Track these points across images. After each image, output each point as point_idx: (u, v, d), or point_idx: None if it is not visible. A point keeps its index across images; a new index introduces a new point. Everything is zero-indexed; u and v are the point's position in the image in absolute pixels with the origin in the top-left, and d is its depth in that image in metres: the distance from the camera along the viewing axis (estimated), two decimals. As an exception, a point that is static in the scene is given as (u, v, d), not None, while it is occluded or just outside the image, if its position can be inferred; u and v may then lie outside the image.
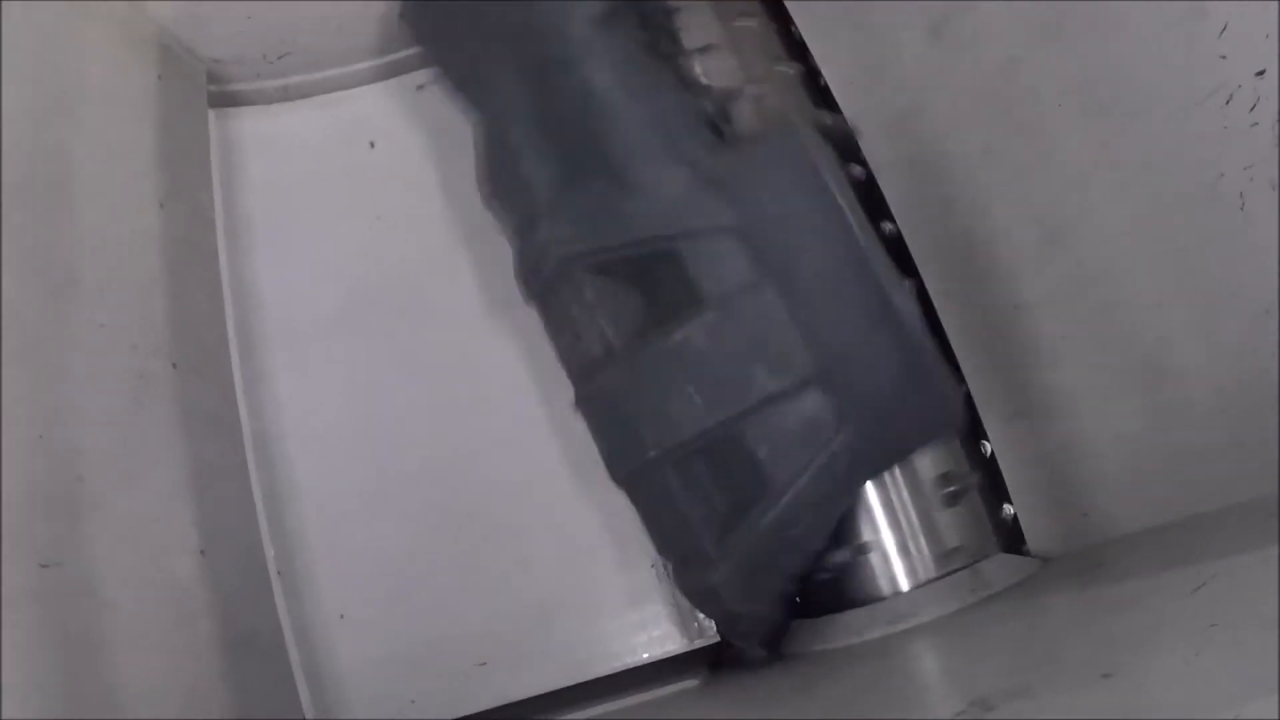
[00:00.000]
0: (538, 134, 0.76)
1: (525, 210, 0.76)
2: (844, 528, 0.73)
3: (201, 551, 0.70)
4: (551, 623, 0.77)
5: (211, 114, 0.90)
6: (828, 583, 0.75)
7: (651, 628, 0.76)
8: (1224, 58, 0.53)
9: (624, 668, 0.75)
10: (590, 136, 0.74)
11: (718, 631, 0.77)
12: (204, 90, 0.90)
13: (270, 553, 0.77)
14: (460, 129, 0.88)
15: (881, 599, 0.75)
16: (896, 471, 0.74)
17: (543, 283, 0.74)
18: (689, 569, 0.73)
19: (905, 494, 0.74)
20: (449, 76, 0.85)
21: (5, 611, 0.52)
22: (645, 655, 0.76)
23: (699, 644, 0.75)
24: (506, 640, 0.76)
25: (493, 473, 0.80)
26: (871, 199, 0.84)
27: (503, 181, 0.79)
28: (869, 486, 0.74)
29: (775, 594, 0.71)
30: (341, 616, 0.76)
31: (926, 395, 0.69)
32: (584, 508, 0.81)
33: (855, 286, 0.68)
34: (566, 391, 0.78)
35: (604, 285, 0.72)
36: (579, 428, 0.78)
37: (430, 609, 0.77)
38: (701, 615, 0.75)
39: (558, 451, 0.83)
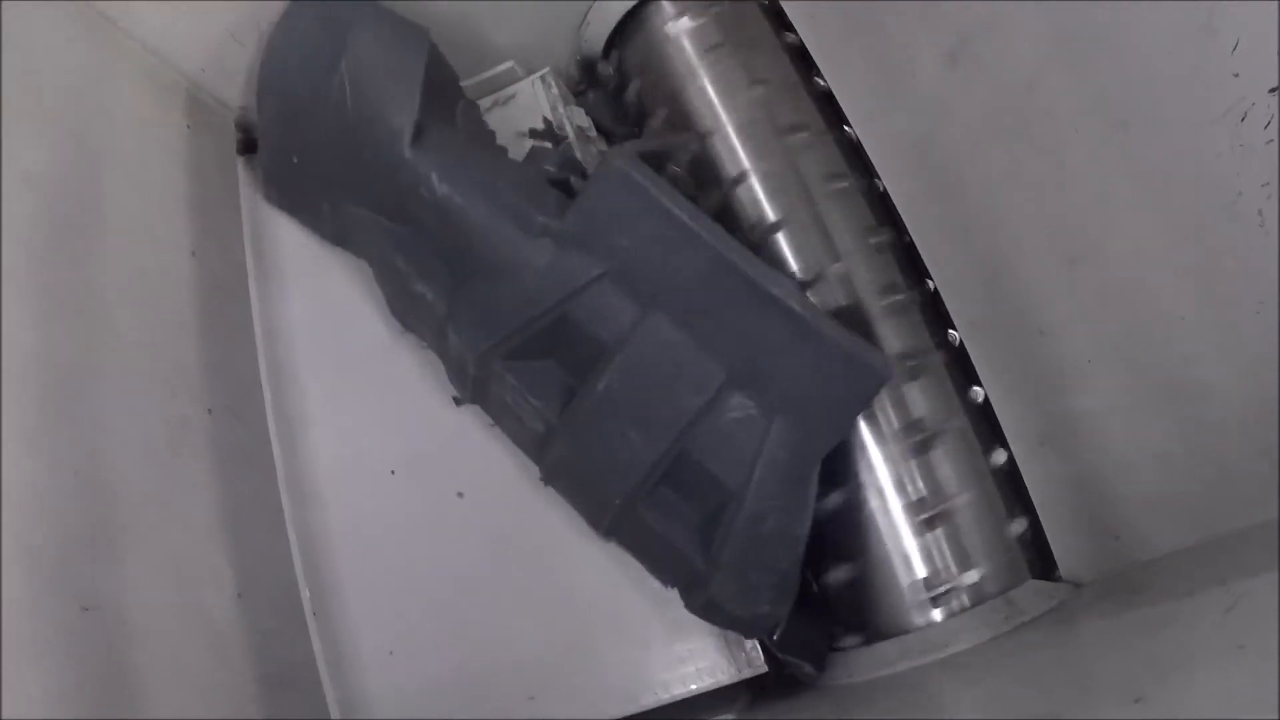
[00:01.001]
0: (416, 255, 0.81)
1: (432, 324, 0.80)
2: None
3: (239, 593, 0.71)
4: (599, 655, 0.76)
5: (240, 160, 0.92)
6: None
7: (699, 658, 0.75)
8: (1237, 75, 0.53)
9: (672, 699, 0.75)
10: (455, 243, 0.78)
11: (771, 645, 0.76)
12: (233, 137, 0.93)
13: (306, 592, 0.77)
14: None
15: (914, 630, 0.75)
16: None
17: (472, 384, 0.78)
18: (691, 590, 0.74)
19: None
20: (326, 238, 0.89)
21: (47, 653, 0.53)
22: (694, 686, 0.74)
23: (746, 674, 0.74)
24: (555, 673, 0.76)
25: (533, 505, 0.80)
26: (909, 260, 0.85)
27: (405, 305, 0.83)
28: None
29: (776, 590, 0.72)
30: (391, 653, 0.76)
31: (839, 366, 0.71)
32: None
33: (729, 287, 0.71)
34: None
35: (523, 368, 0.76)
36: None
37: (475, 643, 0.77)
38: (748, 645, 0.74)
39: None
